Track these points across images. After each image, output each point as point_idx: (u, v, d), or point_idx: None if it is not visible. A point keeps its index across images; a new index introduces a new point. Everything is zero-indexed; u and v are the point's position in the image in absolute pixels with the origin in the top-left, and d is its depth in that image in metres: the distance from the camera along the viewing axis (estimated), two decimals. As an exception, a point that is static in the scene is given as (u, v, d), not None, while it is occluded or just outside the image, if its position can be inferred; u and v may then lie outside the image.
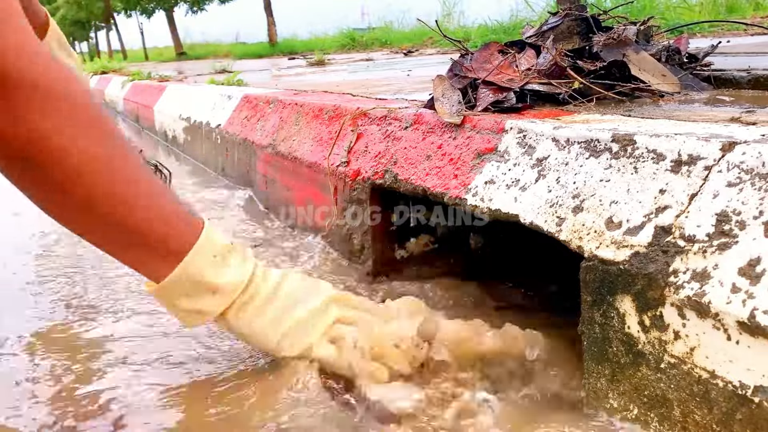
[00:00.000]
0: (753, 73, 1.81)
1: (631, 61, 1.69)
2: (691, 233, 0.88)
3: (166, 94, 4.84)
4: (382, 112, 1.84)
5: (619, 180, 1.04)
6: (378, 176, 1.68)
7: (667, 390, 0.90)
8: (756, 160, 0.86)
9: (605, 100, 1.60)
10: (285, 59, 10.57)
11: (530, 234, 1.16)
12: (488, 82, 1.59)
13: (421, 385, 1.13)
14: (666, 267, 0.89)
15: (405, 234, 1.81)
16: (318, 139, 2.11)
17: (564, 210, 1.10)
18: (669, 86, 1.68)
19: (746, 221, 0.83)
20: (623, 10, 2.40)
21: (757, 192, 0.84)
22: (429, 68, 4.19)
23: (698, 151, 0.94)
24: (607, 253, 0.97)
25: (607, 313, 0.98)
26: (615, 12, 2.29)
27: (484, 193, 1.31)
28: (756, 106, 1.38)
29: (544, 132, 1.25)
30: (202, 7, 23.59)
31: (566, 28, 1.81)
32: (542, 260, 1.53)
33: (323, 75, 4.69)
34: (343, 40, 12.42)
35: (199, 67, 8.61)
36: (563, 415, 1.05)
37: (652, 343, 0.92)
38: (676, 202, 0.93)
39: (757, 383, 0.78)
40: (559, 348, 1.19)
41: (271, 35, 17.46)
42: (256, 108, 2.86)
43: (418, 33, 10.50)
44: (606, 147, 1.09)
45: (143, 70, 7.78)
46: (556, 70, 1.63)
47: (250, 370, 1.23)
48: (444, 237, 1.83)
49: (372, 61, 6.61)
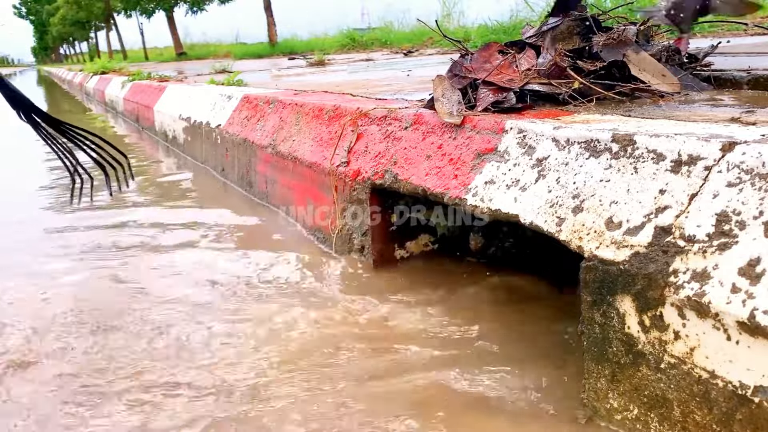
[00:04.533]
0: (753, 73, 1.81)
1: (631, 61, 1.69)
2: (691, 233, 0.88)
3: (166, 95, 4.84)
4: (382, 113, 1.84)
5: (619, 180, 1.04)
6: (378, 176, 1.68)
7: (667, 390, 0.90)
8: (756, 160, 0.86)
9: (605, 100, 1.60)
10: (285, 59, 10.57)
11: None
12: (488, 82, 1.59)
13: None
14: (666, 267, 0.89)
15: (405, 234, 1.81)
16: (318, 139, 2.11)
17: (564, 210, 1.10)
18: (669, 86, 1.68)
19: (746, 221, 0.83)
20: (623, 11, 2.40)
21: (757, 192, 0.84)
22: (429, 68, 4.19)
23: (698, 151, 0.94)
24: (607, 253, 0.97)
25: (607, 313, 0.98)
26: (615, 12, 2.29)
27: (484, 193, 1.31)
28: (756, 106, 1.38)
29: (544, 132, 1.25)
30: (202, 8, 23.57)
31: (566, 29, 1.81)
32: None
33: (323, 75, 4.69)
34: (343, 40, 12.41)
35: (199, 68, 8.61)
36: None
37: (652, 343, 0.92)
38: (676, 202, 0.93)
39: (757, 383, 0.78)
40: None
41: (271, 35, 17.46)
42: (256, 108, 2.86)
43: (418, 33, 10.50)
44: (606, 147, 1.09)
45: (143, 70, 7.79)
46: (556, 70, 1.63)
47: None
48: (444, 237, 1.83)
49: (372, 61, 6.61)
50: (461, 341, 1.36)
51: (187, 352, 1.38)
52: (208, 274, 1.85)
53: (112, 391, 1.23)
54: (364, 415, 1.12)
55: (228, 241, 2.20)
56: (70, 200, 1.78)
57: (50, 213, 2.79)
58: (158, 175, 3.57)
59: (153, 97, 5.22)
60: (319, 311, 1.55)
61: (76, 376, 1.29)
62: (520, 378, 1.20)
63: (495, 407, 1.12)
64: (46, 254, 2.13)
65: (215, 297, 1.68)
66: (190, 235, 2.29)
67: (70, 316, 1.59)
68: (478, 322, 1.44)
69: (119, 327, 1.51)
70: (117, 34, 27.49)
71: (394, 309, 1.54)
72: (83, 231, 2.39)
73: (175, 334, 1.47)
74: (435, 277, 1.71)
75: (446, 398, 1.16)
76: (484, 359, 1.28)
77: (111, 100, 7.77)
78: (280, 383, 1.24)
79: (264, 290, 1.71)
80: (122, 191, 2.18)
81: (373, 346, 1.37)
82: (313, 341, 1.41)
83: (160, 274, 1.88)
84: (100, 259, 2.05)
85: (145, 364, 1.34)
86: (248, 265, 1.91)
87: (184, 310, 1.60)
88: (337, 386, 1.22)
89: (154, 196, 3.01)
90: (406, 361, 1.30)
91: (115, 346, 1.42)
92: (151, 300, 1.68)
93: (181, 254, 2.06)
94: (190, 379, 1.27)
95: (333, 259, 1.89)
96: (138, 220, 2.53)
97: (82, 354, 1.39)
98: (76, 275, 1.90)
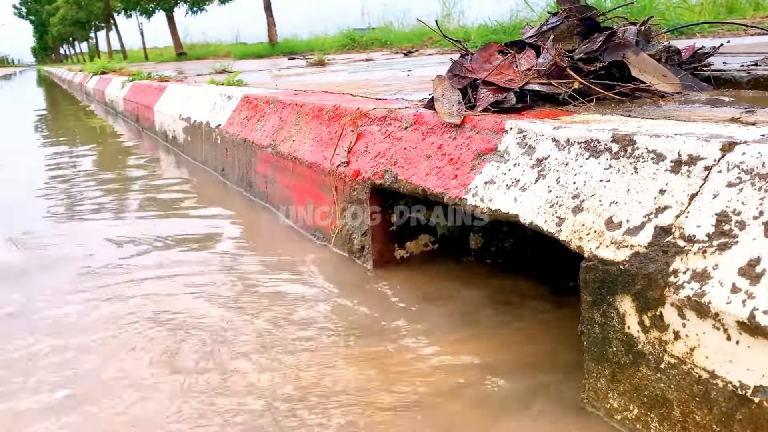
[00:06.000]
0: (753, 73, 1.81)
1: (631, 62, 1.69)
2: (691, 233, 0.88)
3: (166, 95, 4.84)
4: (382, 113, 1.84)
5: (619, 180, 1.04)
6: (378, 176, 1.68)
7: (667, 390, 0.90)
8: (756, 160, 0.86)
9: (605, 100, 1.60)
10: (285, 59, 10.58)
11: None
12: (488, 82, 1.59)
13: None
14: (666, 267, 0.89)
15: (405, 234, 1.81)
16: (318, 139, 2.11)
17: (564, 210, 1.10)
18: (669, 86, 1.68)
19: (746, 221, 0.83)
20: (623, 11, 2.40)
21: (757, 192, 0.84)
22: (429, 68, 4.19)
23: (698, 152, 0.94)
24: (607, 253, 0.97)
25: (607, 313, 0.98)
26: (615, 13, 2.29)
27: (484, 193, 1.31)
28: (756, 107, 1.38)
29: (544, 132, 1.25)
30: (202, 8, 23.59)
31: (566, 29, 1.81)
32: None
33: (323, 75, 4.69)
34: (343, 40, 12.43)
35: (199, 67, 8.62)
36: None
37: (652, 343, 0.92)
38: (676, 202, 0.93)
39: (757, 383, 0.78)
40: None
41: (271, 35, 17.48)
42: (256, 108, 2.86)
43: (418, 33, 10.51)
44: (606, 147, 1.09)
45: (143, 70, 7.79)
46: (556, 70, 1.63)
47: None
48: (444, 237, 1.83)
49: (372, 61, 6.62)
50: (461, 341, 1.36)
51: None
52: (207, 275, 1.85)
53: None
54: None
55: (228, 240, 2.20)
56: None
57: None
58: (156, 175, 3.56)
59: (153, 97, 5.22)
60: (320, 311, 1.55)
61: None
62: (520, 378, 1.20)
63: (496, 407, 1.12)
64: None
65: (211, 298, 1.68)
66: (190, 234, 2.29)
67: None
68: (478, 322, 1.44)
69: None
70: (117, 34, 27.50)
71: (393, 309, 1.54)
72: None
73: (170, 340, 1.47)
74: (435, 277, 1.71)
75: (446, 398, 1.16)
76: (485, 359, 1.28)
77: (111, 100, 7.77)
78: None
79: (263, 290, 1.71)
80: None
81: (371, 346, 1.37)
82: (313, 341, 1.40)
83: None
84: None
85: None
86: (248, 265, 1.92)
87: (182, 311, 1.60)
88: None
89: (153, 196, 3.01)
90: (405, 361, 1.30)
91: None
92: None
93: (178, 254, 2.06)
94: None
95: (333, 258, 1.89)
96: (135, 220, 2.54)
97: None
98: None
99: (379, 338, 1.40)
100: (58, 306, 1.66)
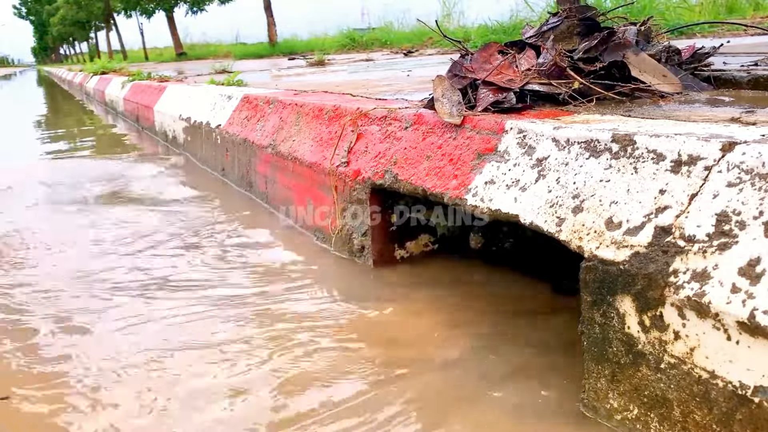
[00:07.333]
0: (753, 73, 1.81)
1: (631, 62, 1.69)
2: (691, 233, 0.88)
3: (166, 95, 4.84)
4: (382, 113, 1.84)
5: (619, 180, 1.04)
6: (378, 176, 1.68)
7: (667, 390, 0.90)
8: (756, 160, 0.86)
9: (605, 100, 1.60)
10: (285, 59, 10.58)
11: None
12: (488, 82, 1.59)
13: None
14: (666, 267, 0.89)
15: (405, 234, 1.81)
16: (318, 139, 2.11)
17: (564, 210, 1.10)
18: (669, 86, 1.68)
19: (746, 221, 0.83)
20: (623, 11, 2.40)
21: (757, 192, 0.84)
22: (429, 68, 4.19)
23: (698, 152, 0.94)
24: (607, 254, 0.97)
25: (607, 313, 0.98)
26: (615, 13, 2.29)
27: (484, 193, 1.31)
28: (756, 106, 1.38)
29: (544, 132, 1.25)
30: (202, 8, 23.59)
31: (566, 29, 1.81)
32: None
33: (323, 75, 4.69)
34: (343, 40, 12.43)
35: (199, 68, 8.62)
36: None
37: (652, 343, 0.92)
38: (676, 202, 0.93)
39: (757, 383, 0.78)
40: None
41: (271, 35, 17.47)
42: (256, 108, 2.86)
43: (418, 33, 10.51)
44: (606, 147, 1.09)
45: (143, 70, 7.79)
46: (556, 70, 1.63)
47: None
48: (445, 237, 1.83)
49: (372, 61, 6.62)
50: (461, 341, 1.36)
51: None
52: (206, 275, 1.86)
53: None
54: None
55: (227, 241, 2.20)
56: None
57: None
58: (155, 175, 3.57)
59: (153, 97, 5.22)
60: (319, 311, 1.55)
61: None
62: (520, 378, 1.20)
63: (496, 407, 1.12)
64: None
65: (207, 299, 1.69)
66: (189, 234, 2.29)
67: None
68: (478, 322, 1.44)
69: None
70: (117, 34, 27.49)
71: (393, 309, 1.54)
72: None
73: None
74: (435, 278, 1.71)
75: (446, 398, 1.16)
76: (485, 359, 1.28)
77: (111, 101, 7.77)
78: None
79: (262, 289, 1.71)
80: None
81: (371, 346, 1.37)
82: (313, 340, 1.41)
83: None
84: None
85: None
86: (248, 265, 1.92)
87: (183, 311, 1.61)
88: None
89: (151, 195, 3.01)
90: (405, 360, 1.30)
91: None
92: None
93: (175, 254, 2.06)
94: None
95: (333, 259, 1.89)
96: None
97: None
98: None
99: (379, 338, 1.40)
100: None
